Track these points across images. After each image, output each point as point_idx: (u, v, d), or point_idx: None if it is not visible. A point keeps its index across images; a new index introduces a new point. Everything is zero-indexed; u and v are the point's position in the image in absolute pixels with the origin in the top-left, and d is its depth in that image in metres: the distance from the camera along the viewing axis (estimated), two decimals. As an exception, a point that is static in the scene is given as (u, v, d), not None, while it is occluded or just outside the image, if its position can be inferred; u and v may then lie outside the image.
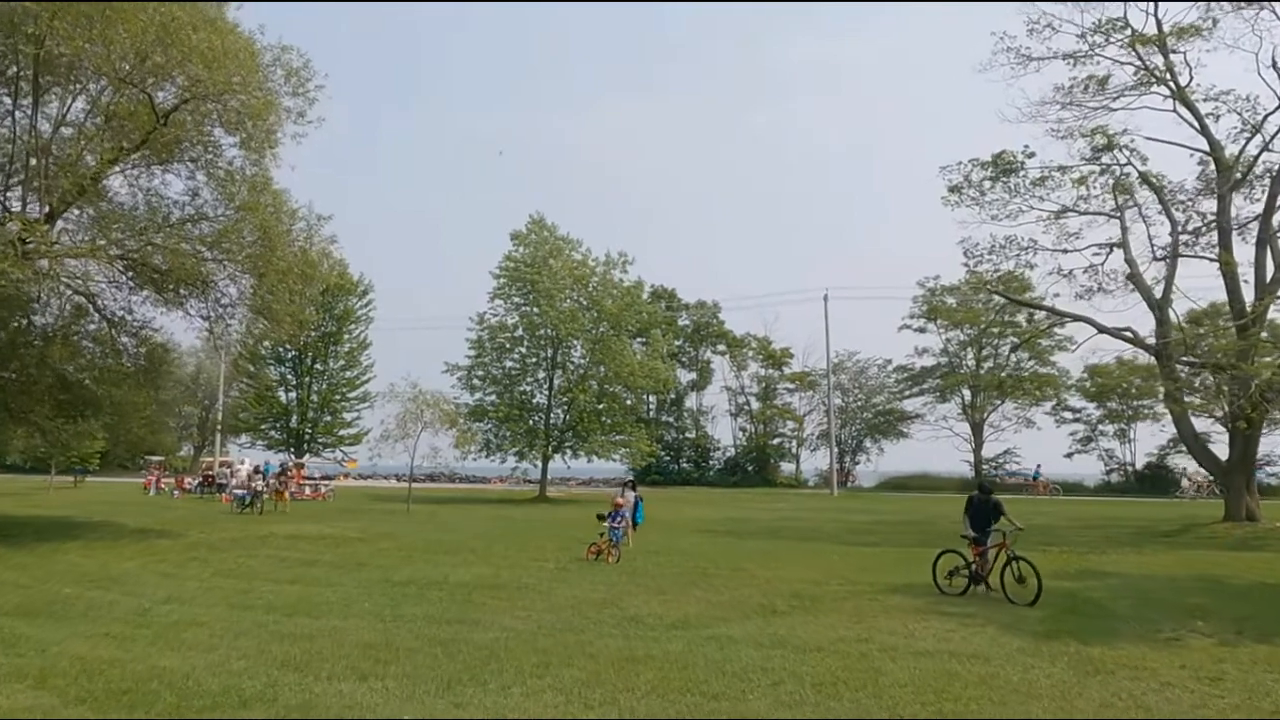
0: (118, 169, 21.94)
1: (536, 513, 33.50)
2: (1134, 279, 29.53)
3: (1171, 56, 26.98)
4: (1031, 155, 30.59)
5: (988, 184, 31.20)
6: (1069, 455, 56.96)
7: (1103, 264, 31.06)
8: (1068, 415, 57.16)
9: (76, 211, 21.96)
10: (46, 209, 19.59)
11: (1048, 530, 25.73)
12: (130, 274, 22.18)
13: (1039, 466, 55.21)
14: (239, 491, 39.01)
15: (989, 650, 9.05)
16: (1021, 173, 30.99)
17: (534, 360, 44.88)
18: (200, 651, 8.74)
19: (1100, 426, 56.38)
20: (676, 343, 59.63)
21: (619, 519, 17.92)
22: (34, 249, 17.57)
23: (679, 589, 13.61)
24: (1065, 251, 31.68)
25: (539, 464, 44.58)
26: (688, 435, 66.75)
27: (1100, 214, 30.80)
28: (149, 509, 30.83)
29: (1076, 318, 29.99)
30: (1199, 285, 44.19)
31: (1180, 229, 29.14)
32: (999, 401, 57.79)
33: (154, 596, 12.48)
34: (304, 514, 29.23)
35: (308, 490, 40.36)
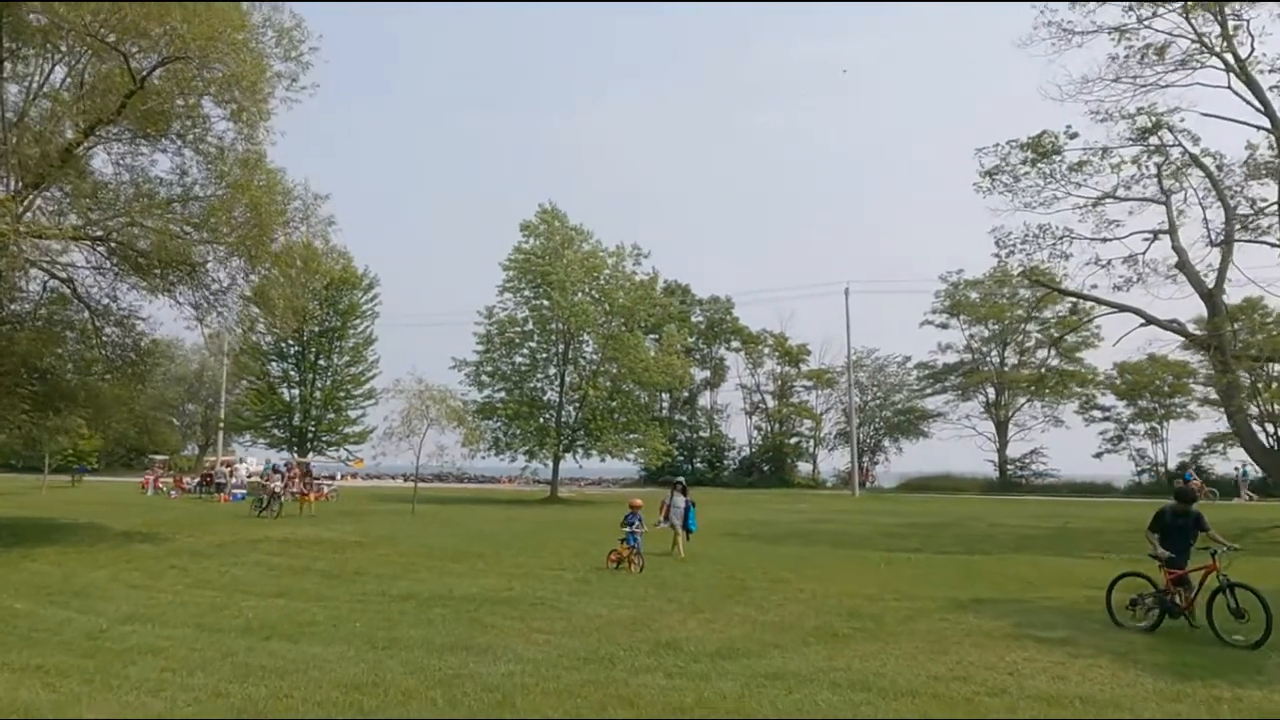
0: (98, 143, 20.40)
1: (548, 514, 31.82)
2: (1183, 268, 27.64)
3: (1230, 24, 25.08)
4: (1074, 136, 28.81)
5: (1023, 169, 29.44)
6: (1098, 455, 54.86)
7: (1144, 253, 29.28)
8: (1097, 414, 55.03)
9: (58, 192, 20.33)
10: (18, 185, 17.96)
11: (1095, 535, 23.97)
12: (114, 258, 20.63)
13: (1189, 468, 49.54)
14: (239, 492, 37.66)
15: (1121, 695, 7.28)
16: (1059, 158, 29.24)
17: (545, 355, 43.18)
18: (143, 693, 7.06)
19: (1131, 426, 54.20)
20: (690, 339, 57.80)
21: (638, 522, 16.12)
22: None
23: (716, 605, 11.88)
24: (1104, 240, 29.90)
25: (549, 463, 42.90)
26: (702, 434, 64.91)
27: (1144, 200, 28.97)
28: (141, 510, 29.26)
29: (1124, 308, 28.11)
30: (1252, 276, 42.11)
31: (1232, 214, 27.26)
32: (1025, 399, 55.74)
33: (115, 614, 10.84)
34: (303, 516, 27.56)
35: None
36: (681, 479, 19.72)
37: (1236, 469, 47.33)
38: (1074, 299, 30.32)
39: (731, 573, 15.32)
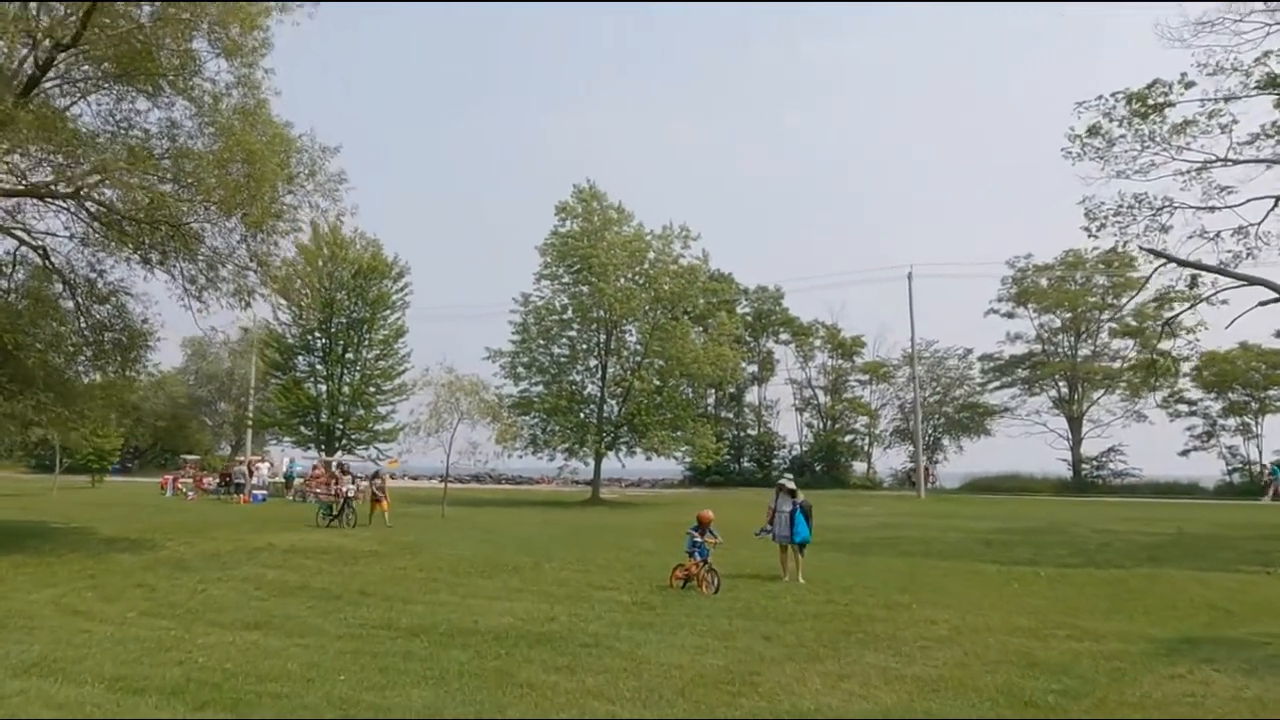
0: (79, 96, 17.82)
1: (591, 517, 28.74)
2: (1317, 235, 23.91)
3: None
4: (1190, 85, 25.08)
5: (1119, 131, 25.79)
6: (1185, 453, 50.21)
7: (1259, 223, 25.50)
8: (1183, 409, 50.44)
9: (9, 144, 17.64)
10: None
11: (1224, 542, 20.27)
12: (96, 223, 17.98)
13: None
14: (259, 493, 35.18)
15: None
16: (1164, 115, 25.55)
17: (585, 346, 40.07)
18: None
19: (1221, 421, 49.57)
20: (737, 330, 54.24)
21: (701, 532, 12.89)
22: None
23: (835, 648, 8.68)
24: (1212, 210, 26.15)
25: (589, 462, 39.76)
26: (750, 432, 61.31)
27: (1263, 161, 25.16)
28: (148, 513, 26.74)
29: (1255, 281, 24.34)
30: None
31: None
32: (1103, 392, 51.43)
33: (17, 660, 7.94)
34: (372, 525, 23.67)
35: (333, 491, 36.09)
36: (789, 477, 16.19)
37: (1265, 466, 42.90)
38: (1193, 270, 26.43)
39: (829, 594, 12.12)
